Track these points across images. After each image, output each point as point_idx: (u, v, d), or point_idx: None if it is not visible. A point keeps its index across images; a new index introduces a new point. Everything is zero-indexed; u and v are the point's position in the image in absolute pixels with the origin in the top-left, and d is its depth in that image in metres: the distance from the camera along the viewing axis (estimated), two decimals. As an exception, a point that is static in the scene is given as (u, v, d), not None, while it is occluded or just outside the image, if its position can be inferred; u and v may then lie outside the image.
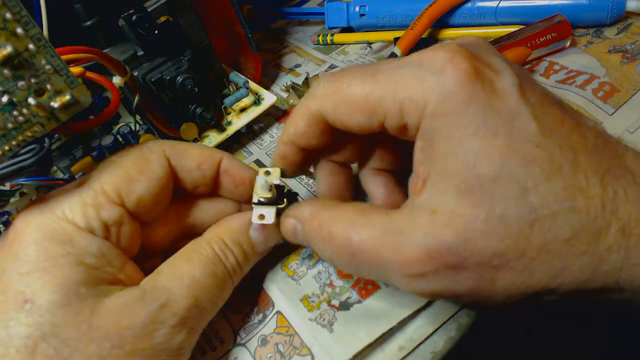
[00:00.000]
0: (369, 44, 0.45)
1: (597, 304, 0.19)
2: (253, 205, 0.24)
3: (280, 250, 0.28)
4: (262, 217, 0.24)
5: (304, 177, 0.33)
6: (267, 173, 0.25)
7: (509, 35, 0.36)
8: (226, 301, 0.24)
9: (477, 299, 0.19)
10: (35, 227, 0.20)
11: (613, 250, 0.17)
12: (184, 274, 0.21)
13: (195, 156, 0.25)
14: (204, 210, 0.26)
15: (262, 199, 0.24)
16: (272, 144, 0.37)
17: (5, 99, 0.19)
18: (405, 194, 0.25)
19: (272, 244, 0.25)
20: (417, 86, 0.18)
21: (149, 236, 0.24)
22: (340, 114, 0.21)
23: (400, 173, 0.26)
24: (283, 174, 0.25)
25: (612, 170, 0.17)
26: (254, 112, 0.36)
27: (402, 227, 0.19)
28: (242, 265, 0.24)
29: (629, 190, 0.17)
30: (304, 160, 0.25)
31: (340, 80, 0.21)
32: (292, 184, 0.33)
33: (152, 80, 0.32)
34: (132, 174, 0.23)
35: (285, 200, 0.25)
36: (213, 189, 0.26)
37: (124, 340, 0.19)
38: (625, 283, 0.17)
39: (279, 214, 0.24)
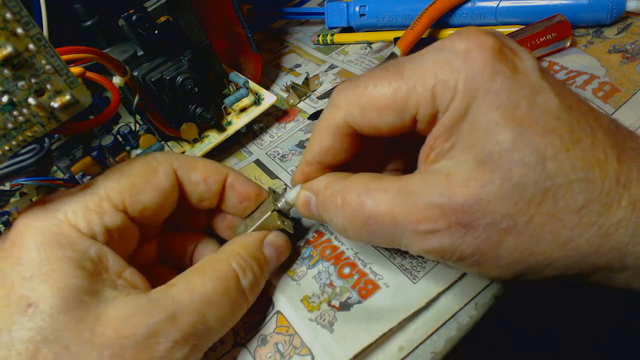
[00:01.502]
0: (369, 44, 0.45)
1: (596, 289, 0.19)
2: (273, 213, 0.26)
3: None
4: (283, 223, 0.26)
5: None
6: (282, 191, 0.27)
7: (509, 35, 0.36)
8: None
9: (481, 262, 0.19)
10: (37, 230, 0.20)
11: (621, 225, 0.17)
12: (195, 289, 0.21)
13: (202, 170, 0.25)
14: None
15: (282, 208, 0.26)
16: (272, 144, 0.37)
17: (5, 99, 0.19)
18: None
19: (281, 260, 0.26)
20: (445, 69, 0.19)
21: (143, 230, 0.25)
22: (370, 118, 0.21)
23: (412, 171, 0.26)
24: None
25: (627, 149, 0.18)
26: (254, 112, 0.36)
27: (416, 189, 0.19)
28: (260, 281, 0.24)
29: None
30: None
31: (363, 85, 0.21)
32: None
33: (152, 80, 0.32)
34: (138, 184, 0.23)
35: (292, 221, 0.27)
36: (216, 204, 0.26)
37: (124, 350, 0.19)
38: (629, 260, 0.18)
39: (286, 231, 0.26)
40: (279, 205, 0.26)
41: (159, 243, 0.26)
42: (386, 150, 0.26)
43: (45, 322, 0.18)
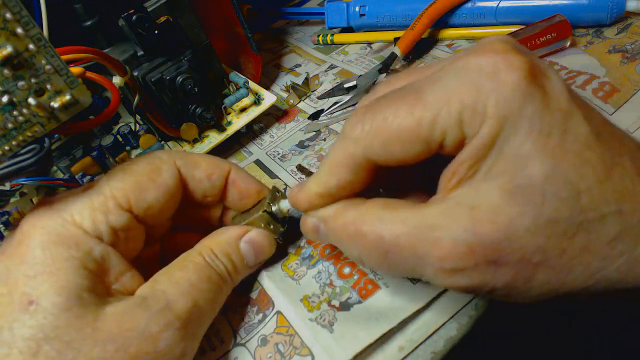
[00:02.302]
0: (369, 44, 0.45)
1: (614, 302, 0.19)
2: (262, 214, 0.25)
3: (280, 250, 0.28)
4: (269, 226, 0.26)
5: (302, 176, 0.33)
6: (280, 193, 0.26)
7: (509, 35, 0.36)
8: (226, 301, 0.24)
9: (511, 294, 0.19)
10: (42, 230, 0.20)
11: None
12: (180, 280, 0.22)
13: (205, 167, 0.25)
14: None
15: (276, 212, 0.25)
16: (272, 144, 0.37)
17: (5, 99, 0.19)
18: None
19: (262, 259, 0.26)
20: (472, 93, 0.17)
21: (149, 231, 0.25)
22: (393, 151, 0.19)
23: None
24: None
25: None
26: (254, 112, 0.36)
27: (438, 222, 0.18)
28: (232, 275, 0.24)
29: None
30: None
31: (382, 115, 0.19)
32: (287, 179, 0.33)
33: (152, 80, 0.32)
34: (143, 183, 0.23)
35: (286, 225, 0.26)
36: (220, 199, 0.26)
37: (128, 343, 0.19)
38: None
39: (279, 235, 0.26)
40: (273, 208, 0.26)
41: (161, 244, 0.26)
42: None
43: (46, 320, 0.18)
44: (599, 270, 0.17)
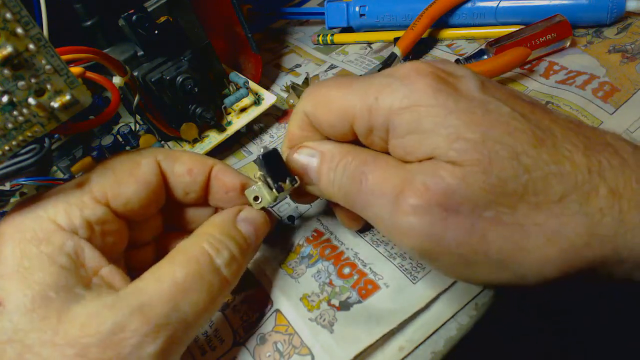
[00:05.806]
0: (369, 44, 0.45)
1: (601, 286, 0.20)
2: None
3: (278, 248, 0.28)
4: (257, 198, 0.25)
5: None
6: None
7: (509, 35, 0.36)
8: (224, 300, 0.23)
9: (470, 259, 0.19)
10: (16, 228, 0.20)
11: (605, 213, 0.18)
12: (163, 277, 0.20)
13: (186, 161, 0.24)
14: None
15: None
16: (272, 144, 0.37)
17: (5, 99, 0.19)
18: None
19: (262, 235, 0.25)
20: (384, 90, 0.21)
21: (136, 230, 0.24)
22: (319, 114, 0.23)
23: None
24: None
25: (592, 145, 0.19)
26: (254, 112, 0.36)
27: (412, 167, 0.20)
28: (238, 258, 0.23)
29: (612, 160, 0.18)
30: None
31: (323, 85, 0.23)
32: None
33: (152, 80, 0.32)
34: (121, 177, 0.22)
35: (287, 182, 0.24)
36: (204, 198, 0.26)
37: (88, 348, 0.18)
38: (624, 252, 0.18)
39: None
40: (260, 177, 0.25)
41: (155, 246, 0.26)
42: None
43: (11, 322, 0.18)
44: (557, 232, 0.18)
